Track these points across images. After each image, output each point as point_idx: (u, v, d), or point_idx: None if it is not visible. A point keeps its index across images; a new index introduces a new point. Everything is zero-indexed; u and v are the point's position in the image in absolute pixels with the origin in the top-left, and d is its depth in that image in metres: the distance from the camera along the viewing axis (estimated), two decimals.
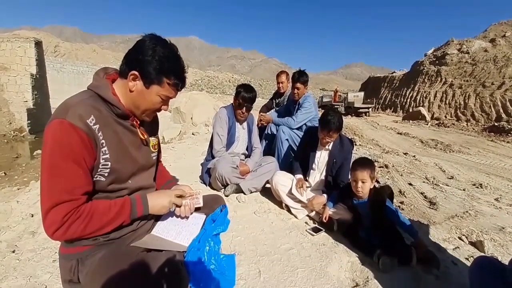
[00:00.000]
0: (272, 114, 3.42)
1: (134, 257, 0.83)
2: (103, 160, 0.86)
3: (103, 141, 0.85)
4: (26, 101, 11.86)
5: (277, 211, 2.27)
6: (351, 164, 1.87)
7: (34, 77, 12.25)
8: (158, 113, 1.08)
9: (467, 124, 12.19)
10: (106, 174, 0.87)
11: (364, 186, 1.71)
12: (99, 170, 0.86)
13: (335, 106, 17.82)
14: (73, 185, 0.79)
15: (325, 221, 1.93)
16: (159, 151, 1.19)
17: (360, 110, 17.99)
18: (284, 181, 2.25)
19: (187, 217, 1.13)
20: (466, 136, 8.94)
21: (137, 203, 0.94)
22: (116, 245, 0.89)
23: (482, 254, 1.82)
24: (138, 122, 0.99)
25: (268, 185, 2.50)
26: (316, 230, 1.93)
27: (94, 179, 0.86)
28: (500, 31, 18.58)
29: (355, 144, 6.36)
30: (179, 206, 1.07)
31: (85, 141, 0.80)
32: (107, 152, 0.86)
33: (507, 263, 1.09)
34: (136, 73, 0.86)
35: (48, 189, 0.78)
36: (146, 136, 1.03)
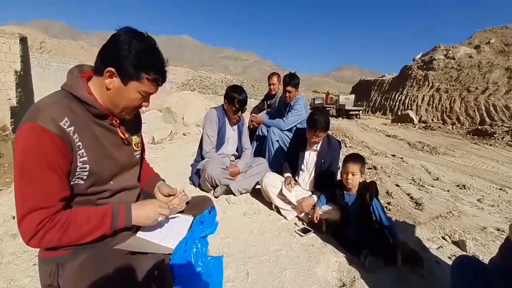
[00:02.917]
0: (263, 115, 3.43)
1: (116, 261, 0.80)
2: (81, 163, 0.82)
3: (79, 143, 0.81)
4: (10, 99, 11.43)
5: (267, 212, 2.27)
6: (343, 159, 1.94)
7: (18, 74, 11.82)
8: (149, 113, 1.04)
9: (452, 127, 12.59)
10: (84, 177, 0.84)
11: (354, 178, 1.82)
12: (76, 173, 0.82)
13: (327, 108, 18.06)
14: (47, 192, 0.75)
15: (316, 221, 1.95)
16: (142, 150, 1.15)
17: (351, 112, 18.31)
18: (274, 183, 2.26)
19: (172, 218, 1.11)
20: (451, 139, 9.22)
21: (120, 214, 0.89)
22: (98, 248, 0.86)
23: (464, 253, 1.87)
24: (118, 121, 0.95)
25: (258, 186, 2.51)
26: (305, 231, 1.94)
27: (72, 183, 0.82)
28: (485, 38, 19.31)
29: (345, 146, 6.46)
30: (167, 217, 1.03)
31: (59, 145, 0.76)
32: (84, 154, 0.83)
33: (487, 262, 1.13)
34: (113, 69, 0.81)
35: (22, 197, 0.74)
36: (127, 135, 0.99)
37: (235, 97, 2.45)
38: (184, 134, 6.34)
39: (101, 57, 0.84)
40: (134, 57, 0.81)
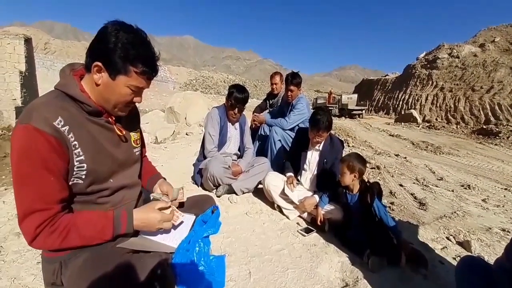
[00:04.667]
0: (265, 115, 3.43)
1: (118, 259, 0.80)
2: (78, 162, 0.81)
3: (75, 142, 0.80)
4: (15, 99, 11.56)
5: (269, 212, 2.26)
6: None
7: (23, 74, 11.96)
8: (152, 113, 1.03)
9: (456, 127, 12.47)
10: (83, 176, 0.83)
11: (342, 177, 1.83)
12: (74, 173, 0.81)
13: (329, 108, 18.00)
14: (43, 193, 0.74)
15: (319, 223, 1.94)
16: (142, 146, 1.13)
17: (354, 112, 18.22)
18: (276, 182, 2.25)
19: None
20: (456, 139, 9.13)
21: (122, 222, 0.86)
22: (100, 247, 0.86)
23: (469, 253, 1.85)
24: (114, 118, 0.93)
25: (260, 186, 2.50)
26: (307, 231, 1.94)
27: (71, 182, 0.81)
28: (489, 36, 19.10)
29: (348, 146, 6.42)
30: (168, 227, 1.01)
31: (54, 145, 0.74)
32: (81, 153, 0.81)
33: (492, 263, 1.11)
34: (100, 64, 0.79)
35: (20, 199, 0.74)
36: (124, 132, 0.97)
37: (232, 92, 2.48)
38: (186, 134, 6.36)
39: (89, 52, 0.81)
40: (120, 49, 0.78)
